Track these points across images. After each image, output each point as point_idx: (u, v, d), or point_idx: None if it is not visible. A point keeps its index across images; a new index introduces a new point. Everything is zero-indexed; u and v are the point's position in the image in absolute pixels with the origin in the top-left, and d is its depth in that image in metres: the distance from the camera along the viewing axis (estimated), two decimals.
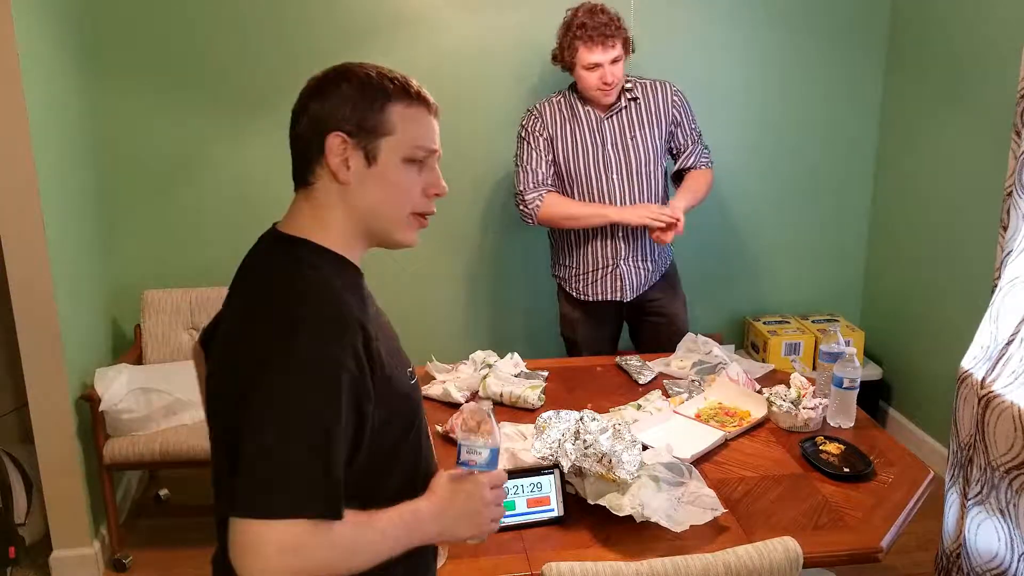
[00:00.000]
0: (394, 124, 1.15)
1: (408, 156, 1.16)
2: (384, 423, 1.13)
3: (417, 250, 3.30)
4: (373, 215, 1.17)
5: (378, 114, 1.14)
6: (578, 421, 1.82)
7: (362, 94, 1.15)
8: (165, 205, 3.13)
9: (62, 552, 2.67)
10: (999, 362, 2.11)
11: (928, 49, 3.16)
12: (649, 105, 2.68)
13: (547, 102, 2.71)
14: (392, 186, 1.16)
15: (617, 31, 2.54)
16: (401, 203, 1.18)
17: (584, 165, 2.66)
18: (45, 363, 2.52)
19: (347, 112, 1.14)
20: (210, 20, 3.00)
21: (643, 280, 2.76)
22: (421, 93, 1.19)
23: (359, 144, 1.14)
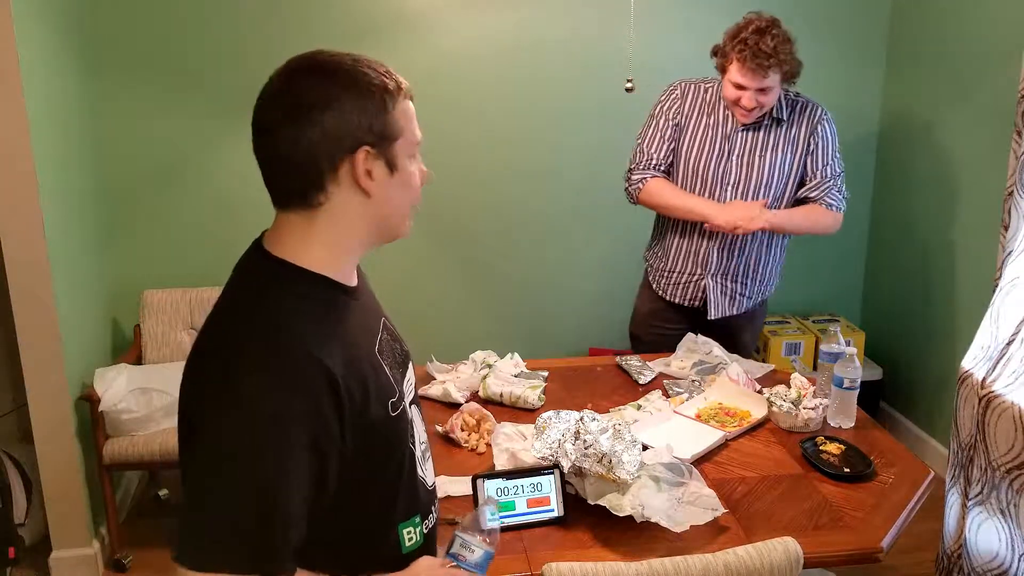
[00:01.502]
0: (400, 126, 1.10)
1: (412, 153, 1.13)
2: (359, 455, 1.08)
3: (418, 250, 3.32)
4: (390, 218, 1.14)
5: (389, 119, 1.08)
6: (578, 421, 1.82)
7: (372, 100, 1.07)
8: (165, 205, 3.13)
9: (62, 552, 2.67)
10: (999, 362, 2.11)
11: (928, 49, 3.16)
12: (791, 129, 2.50)
13: (695, 85, 2.56)
14: (408, 187, 1.14)
15: (777, 64, 2.32)
16: (411, 201, 1.16)
17: (704, 166, 2.51)
18: (45, 363, 2.52)
19: (365, 122, 1.06)
20: (210, 20, 3.00)
21: (729, 302, 2.61)
22: (403, 83, 1.12)
23: (380, 154, 1.09)
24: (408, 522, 1.20)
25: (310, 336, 1.04)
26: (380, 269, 3.30)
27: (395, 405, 1.15)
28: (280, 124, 1.06)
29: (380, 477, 1.14)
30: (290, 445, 0.98)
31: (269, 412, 0.98)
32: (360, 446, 1.07)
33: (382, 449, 1.13)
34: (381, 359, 1.17)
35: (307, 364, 1.01)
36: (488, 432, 2.04)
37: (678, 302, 2.67)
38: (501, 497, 1.74)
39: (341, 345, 1.07)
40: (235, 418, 0.98)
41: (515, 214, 3.31)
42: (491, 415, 2.11)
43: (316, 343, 1.03)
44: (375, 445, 1.11)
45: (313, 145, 1.05)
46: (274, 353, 1.01)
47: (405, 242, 3.66)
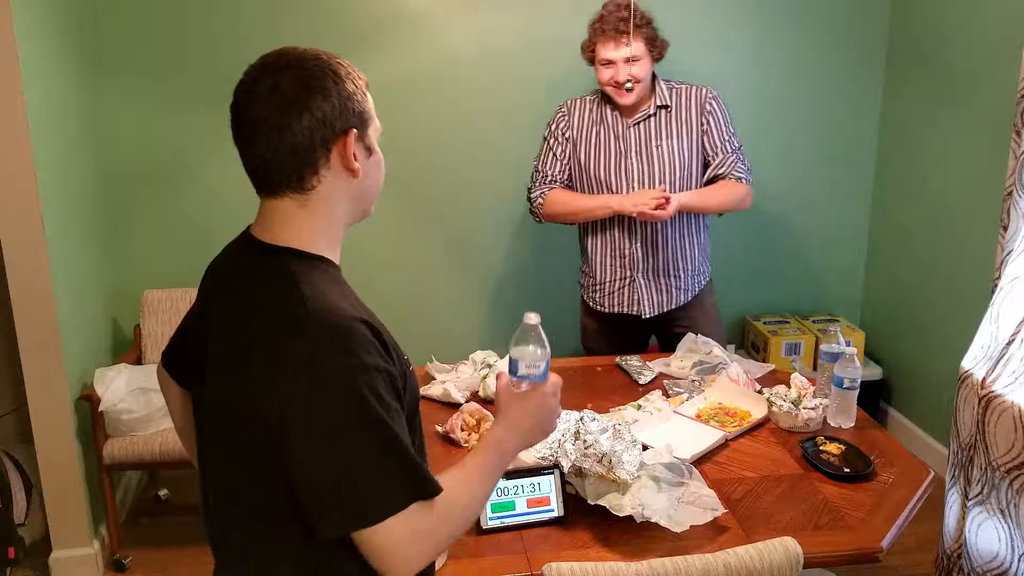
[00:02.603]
0: (370, 110, 1.20)
1: (377, 136, 1.23)
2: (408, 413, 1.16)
3: (418, 250, 3.32)
4: (367, 198, 1.23)
5: (365, 104, 1.19)
6: (578, 421, 1.82)
7: (355, 87, 1.18)
8: (165, 205, 3.13)
9: (62, 552, 2.67)
10: (999, 362, 2.11)
11: (928, 49, 3.16)
12: (680, 113, 2.56)
13: (580, 100, 2.63)
14: (380, 168, 1.24)
15: (638, 29, 2.43)
16: (381, 181, 1.26)
17: (605, 172, 2.56)
18: (45, 363, 2.52)
19: (351, 107, 1.15)
20: (210, 20, 3.00)
21: (664, 297, 2.65)
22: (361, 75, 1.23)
23: (361, 137, 1.18)
24: None
25: (348, 306, 1.11)
26: (380, 269, 3.31)
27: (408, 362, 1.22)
28: (276, 116, 1.13)
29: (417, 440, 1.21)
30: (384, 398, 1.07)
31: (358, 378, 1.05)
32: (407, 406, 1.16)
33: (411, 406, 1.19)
34: None
35: (360, 328, 1.09)
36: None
37: (616, 311, 2.67)
38: (501, 497, 1.74)
39: (365, 308, 1.16)
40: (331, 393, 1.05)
41: (516, 214, 3.30)
42: (491, 415, 2.11)
43: (356, 308, 1.13)
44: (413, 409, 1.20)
45: (310, 132, 1.12)
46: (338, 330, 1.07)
47: (405, 241, 3.66)
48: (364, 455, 1.05)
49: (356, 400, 1.05)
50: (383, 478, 1.06)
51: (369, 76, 1.30)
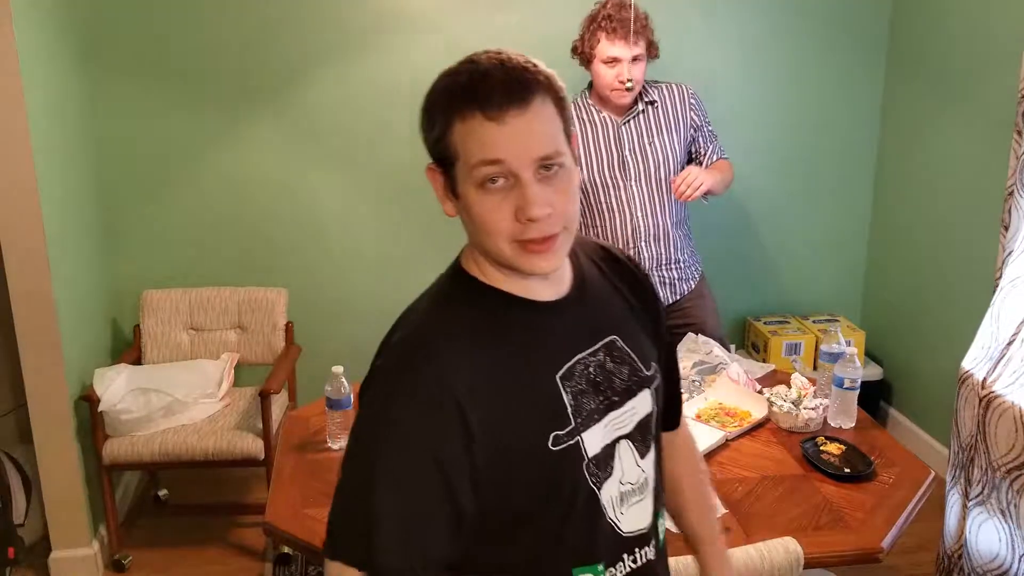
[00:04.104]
0: (456, 147, 0.98)
1: (477, 181, 0.97)
2: (501, 483, 1.00)
3: (419, 249, 3.32)
4: (480, 248, 1.04)
5: (440, 139, 1.00)
6: None
7: (425, 114, 1.03)
8: (164, 205, 3.13)
9: (61, 552, 2.67)
10: (1000, 362, 2.11)
11: (928, 49, 3.16)
12: (667, 109, 2.60)
13: None
14: (476, 218, 1.00)
15: (643, 29, 2.47)
16: (492, 235, 0.99)
17: (600, 173, 2.58)
18: (44, 363, 2.51)
19: (428, 142, 1.03)
20: (210, 20, 2.99)
21: (668, 291, 2.67)
22: (475, 93, 0.97)
23: (445, 175, 1.02)
24: (587, 567, 1.07)
25: (449, 354, 1.00)
26: (381, 269, 3.31)
27: (560, 439, 1.02)
28: None
29: (534, 512, 1.04)
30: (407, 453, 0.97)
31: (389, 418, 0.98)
32: (501, 475, 1.00)
33: (534, 482, 1.02)
34: (563, 384, 1.04)
35: (435, 383, 0.98)
36: None
37: None
38: None
39: (488, 364, 1.00)
40: (363, 418, 1.00)
41: None
42: None
43: (452, 363, 0.99)
44: (522, 475, 1.01)
45: None
46: (407, 367, 0.99)
47: (405, 241, 3.65)
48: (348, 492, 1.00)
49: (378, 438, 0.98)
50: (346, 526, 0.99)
51: (368, 76, 1.29)
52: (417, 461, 0.97)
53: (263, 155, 3.13)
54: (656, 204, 2.59)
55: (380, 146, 3.18)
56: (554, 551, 1.06)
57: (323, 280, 3.27)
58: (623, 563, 1.10)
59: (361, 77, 3.09)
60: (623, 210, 2.58)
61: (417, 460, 0.97)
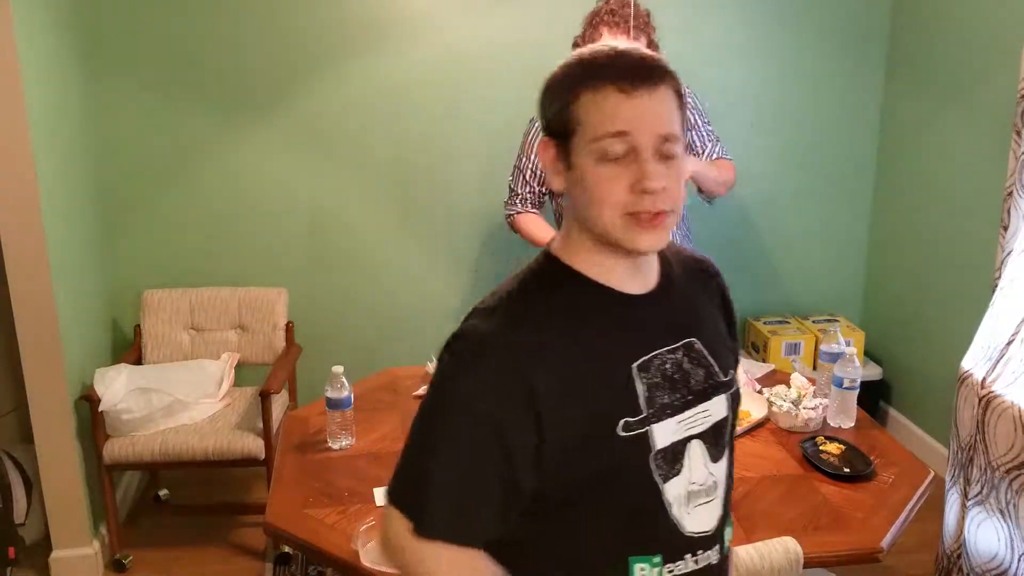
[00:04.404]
0: (578, 118, 1.01)
1: (598, 154, 1.00)
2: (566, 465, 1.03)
3: (418, 250, 3.32)
4: (588, 221, 1.04)
5: (563, 110, 1.03)
6: None
7: (549, 90, 1.07)
8: (165, 205, 3.13)
9: (62, 552, 2.67)
10: (999, 362, 2.11)
11: (928, 49, 3.16)
12: None
13: None
14: (590, 189, 1.01)
15: (645, 26, 2.48)
16: (604, 206, 1.01)
17: None
18: (45, 363, 2.52)
19: (543, 112, 1.07)
20: (210, 20, 3.00)
21: None
22: (610, 68, 1.01)
23: (560, 147, 1.04)
24: (644, 558, 1.08)
25: (527, 331, 1.03)
26: (380, 269, 3.31)
27: (631, 426, 1.04)
28: None
29: (598, 497, 1.06)
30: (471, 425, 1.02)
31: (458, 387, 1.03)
32: (567, 451, 1.02)
33: (601, 467, 1.04)
34: (639, 374, 1.06)
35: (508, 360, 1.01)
36: None
37: None
38: None
39: (565, 346, 1.03)
40: (437, 382, 1.06)
41: None
42: None
43: (528, 341, 1.02)
44: (589, 458, 1.03)
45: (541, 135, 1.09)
46: (484, 339, 1.04)
47: (405, 241, 3.65)
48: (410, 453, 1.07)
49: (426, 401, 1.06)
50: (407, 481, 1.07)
51: (368, 76, 1.29)
52: (479, 433, 1.01)
53: (263, 155, 3.13)
54: None
55: (380, 146, 3.18)
56: (610, 539, 1.08)
57: (323, 280, 3.28)
58: (684, 561, 1.11)
59: (362, 77, 3.09)
60: None
61: (479, 432, 1.01)
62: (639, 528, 1.08)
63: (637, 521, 1.08)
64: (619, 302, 1.07)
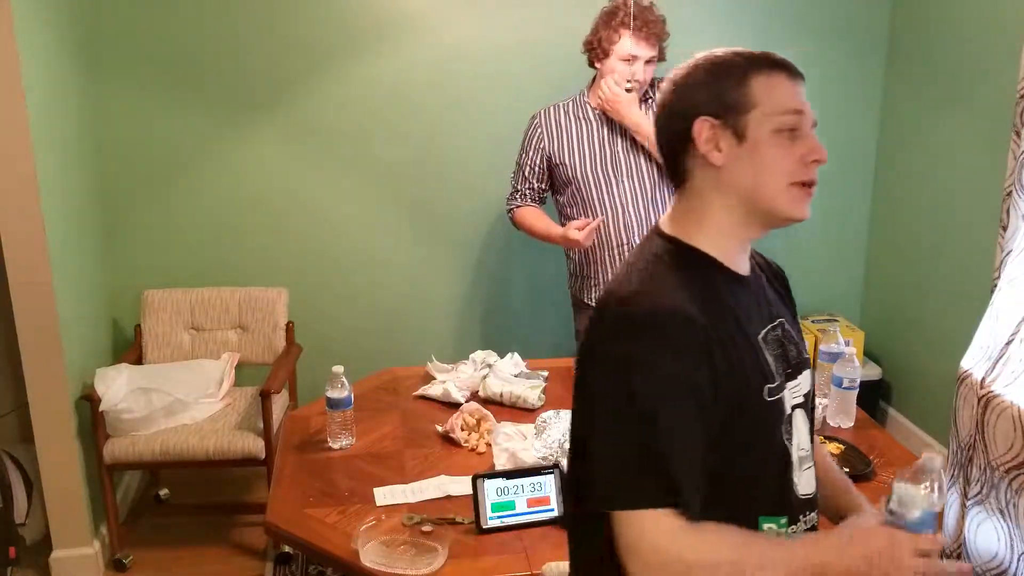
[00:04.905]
0: (756, 96, 1.13)
1: (777, 126, 1.13)
2: (727, 425, 1.10)
3: (417, 249, 3.32)
4: (751, 192, 1.14)
5: (737, 89, 1.13)
6: None
7: (718, 75, 1.14)
8: (165, 205, 3.13)
9: (62, 552, 2.67)
10: (999, 362, 2.11)
11: (928, 49, 3.17)
12: None
13: (554, 108, 2.66)
14: (766, 160, 1.13)
15: (662, 33, 2.53)
16: (778, 175, 1.13)
17: (592, 171, 2.59)
18: (45, 363, 2.52)
19: (707, 96, 1.13)
20: (210, 20, 3.00)
21: None
22: (776, 59, 1.16)
23: (726, 124, 1.13)
24: (772, 518, 1.17)
25: (687, 302, 1.08)
26: (381, 269, 3.31)
27: (772, 391, 1.15)
28: (657, 106, 1.20)
29: (745, 460, 1.13)
30: (675, 394, 1.05)
31: (654, 366, 1.05)
32: (728, 416, 1.09)
33: (751, 430, 1.13)
34: (763, 345, 1.17)
35: (684, 329, 1.06)
36: (488, 432, 2.04)
37: None
38: (501, 497, 1.74)
39: (715, 314, 1.11)
40: (624, 373, 1.06)
41: None
42: (491, 415, 2.11)
43: (691, 313, 1.08)
44: (744, 422, 1.12)
45: (667, 125, 1.17)
46: (654, 317, 1.07)
47: (405, 241, 3.64)
48: (636, 439, 1.05)
49: (622, 389, 1.05)
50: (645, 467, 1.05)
51: (368, 76, 1.29)
52: (688, 404, 1.06)
53: (264, 155, 3.13)
54: (648, 200, 2.60)
55: (381, 146, 3.18)
56: (748, 501, 1.15)
57: (323, 280, 3.28)
58: (799, 523, 1.20)
59: (362, 78, 3.10)
60: (615, 205, 2.59)
61: (688, 404, 1.06)
62: (771, 490, 1.17)
63: (770, 483, 1.16)
64: (736, 280, 1.18)
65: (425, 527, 1.72)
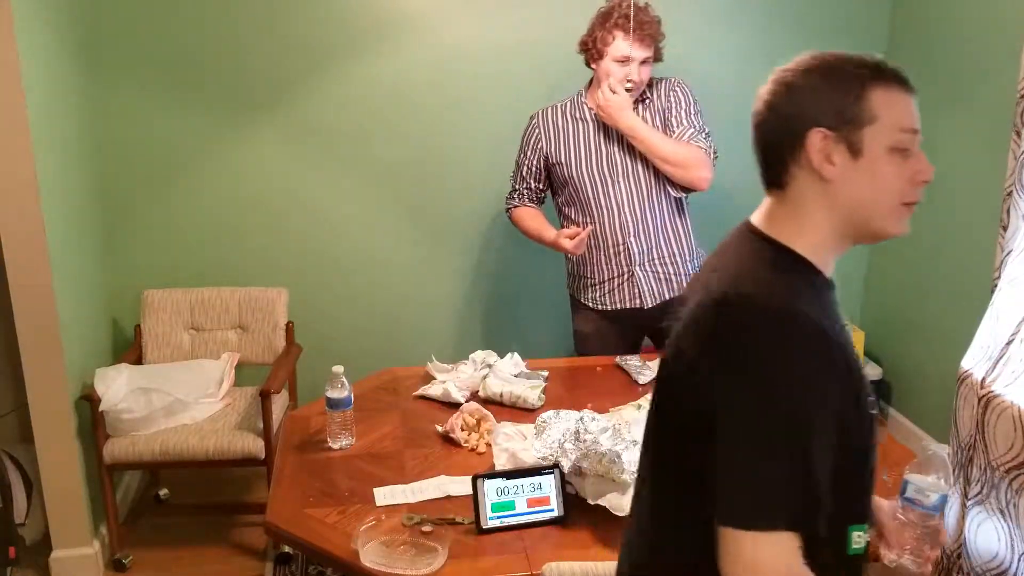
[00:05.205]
0: (875, 111, 1.08)
1: (894, 144, 1.09)
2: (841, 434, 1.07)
3: (417, 249, 3.32)
4: (860, 210, 1.11)
5: (857, 103, 1.08)
6: (578, 421, 1.82)
7: (835, 83, 1.09)
8: (165, 205, 3.13)
9: (62, 552, 2.67)
10: (999, 362, 2.11)
11: (928, 49, 3.17)
12: (654, 104, 2.61)
13: (551, 108, 2.66)
14: (880, 177, 1.09)
15: (657, 34, 2.52)
16: (890, 194, 1.10)
17: (589, 171, 2.59)
18: (45, 363, 2.52)
19: (823, 105, 1.09)
20: (210, 20, 3.00)
21: (664, 287, 2.65)
22: (898, 74, 1.12)
23: (841, 137, 1.08)
24: (859, 526, 1.16)
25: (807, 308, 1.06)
26: (381, 269, 3.31)
27: (872, 403, 1.14)
28: (763, 105, 1.16)
29: (850, 468, 1.11)
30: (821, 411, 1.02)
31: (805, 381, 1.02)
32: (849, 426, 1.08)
33: (858, 438, 1.11)
34: None
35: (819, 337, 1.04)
36: (488, 432, 2.04)
37: (617, 307, 2.68)
38: (501, 497, 1.74)
39: (831, 324, 1.09)
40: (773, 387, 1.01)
41: None
42: (491, 415, 2.11)
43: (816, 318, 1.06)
44: (852, 430, 1.09)
45: (774, 128, 1.13)
46: (813, 329, 1.04)
47: (405, 241, 3.64)
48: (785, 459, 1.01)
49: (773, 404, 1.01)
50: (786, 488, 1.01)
51: (368, 76, 1.29)
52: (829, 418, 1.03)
53: (264, 155, 3.13)
54: (644, 200, 2.59)
55: (381, 146, 3.18)
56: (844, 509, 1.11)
57: (323, 280, 3.28)
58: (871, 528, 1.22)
59: (362, 78, 3.10)
60: (611, 206, 2.59)
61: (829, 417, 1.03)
62: (863, 496, 1.17)
63: (864, 492, 1.16)
64: (829, 286, 1.16)
65: (425, 527, 1.72)
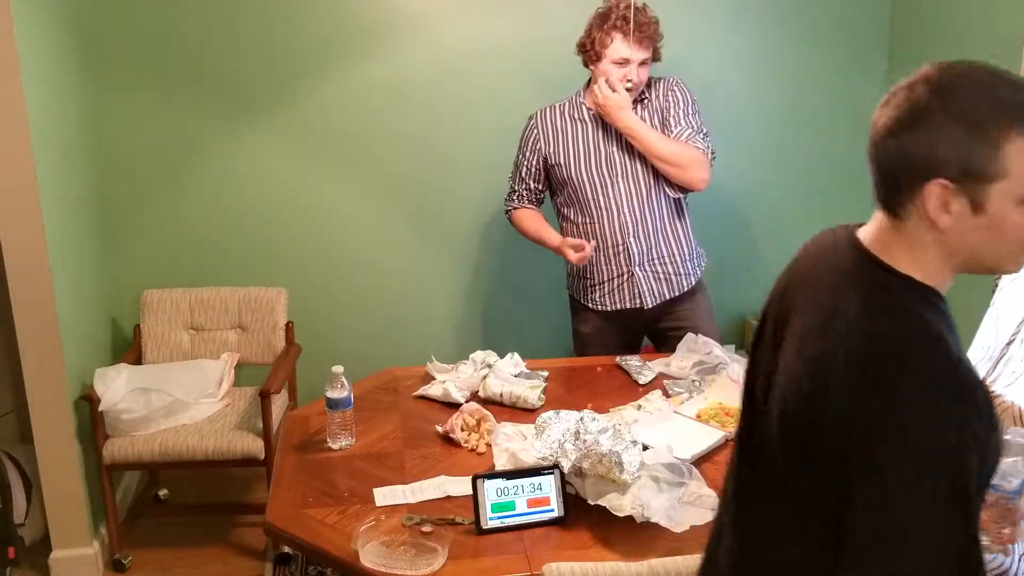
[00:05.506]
0: (1007, 167, 0.98)
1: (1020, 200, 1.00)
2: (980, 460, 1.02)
3: (418, 249, 3.32)
4: (975, 256, 1.07)
5: (989, 158, 0.98)
6: (578, 421, 1.82)
7: (969, 129, 0.99)
8: (165, 205, 3.13)
9: (62, 552, 2.67)
10: (999, 362, 2.11)
11: (928, 49, 3.16)
12: (652, 104, 2.61)
13: (550, 108, 2.66)
14: (1006, 231, 1.02)
15: (655, 35, 2.52)
16: (1013, 246, 1.05)
17: (588, 172, 2.59)
18: (45, 363, 2.52)
19: (951, 153, 0.99)
20: (210, 20, 3.00)
21: (664, 287, 2.65)
22: None
23: (963, 191, 1.00)
24: None
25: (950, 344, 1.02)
26: (380, 269, 3.31)
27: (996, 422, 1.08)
28: (883, 128, 1.08)
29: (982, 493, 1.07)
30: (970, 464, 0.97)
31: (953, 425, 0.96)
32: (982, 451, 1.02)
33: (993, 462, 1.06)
34: None
35: (968, 376, 1.01)
36: (488, 432, 2.04)
37: (617, 308, 2.67)
38: (501, 497, 1.74)
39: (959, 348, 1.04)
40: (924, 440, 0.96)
41: None
42: (491, 415, 2.11)
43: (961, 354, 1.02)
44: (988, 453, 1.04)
45: (896, 158, 1.04)
46: (967, 375, 1.00)
47: (405, 241, 3.64)
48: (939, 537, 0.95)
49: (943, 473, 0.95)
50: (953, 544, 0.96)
51: (368, 76, 1.28)
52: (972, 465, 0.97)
53: (263, 155, 3.13)
54: (644, 200, 2.58)
55: (381, 146, 3.18)
56: None
57: (323, 280, 3.28)
58: None
59: (361, 79, 3.09)
60: (610, 207, 2.58)
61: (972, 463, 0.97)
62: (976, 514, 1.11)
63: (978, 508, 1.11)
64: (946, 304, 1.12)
65: (425, 527, 1.72)
